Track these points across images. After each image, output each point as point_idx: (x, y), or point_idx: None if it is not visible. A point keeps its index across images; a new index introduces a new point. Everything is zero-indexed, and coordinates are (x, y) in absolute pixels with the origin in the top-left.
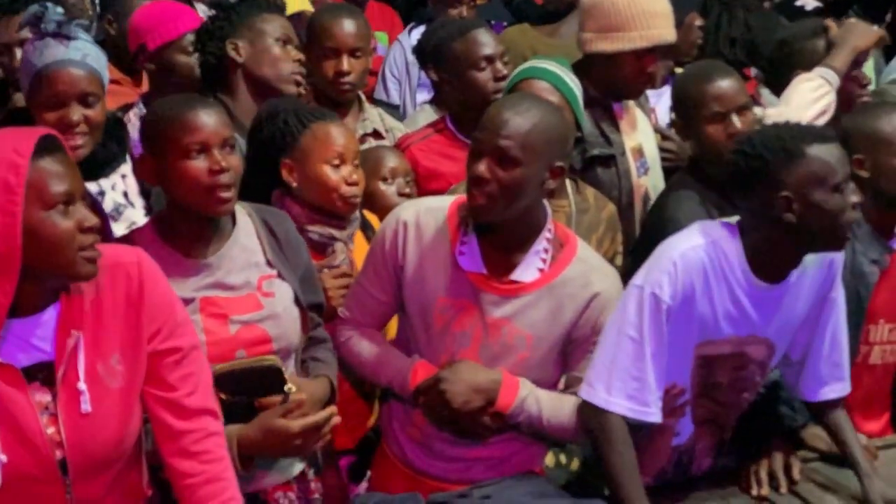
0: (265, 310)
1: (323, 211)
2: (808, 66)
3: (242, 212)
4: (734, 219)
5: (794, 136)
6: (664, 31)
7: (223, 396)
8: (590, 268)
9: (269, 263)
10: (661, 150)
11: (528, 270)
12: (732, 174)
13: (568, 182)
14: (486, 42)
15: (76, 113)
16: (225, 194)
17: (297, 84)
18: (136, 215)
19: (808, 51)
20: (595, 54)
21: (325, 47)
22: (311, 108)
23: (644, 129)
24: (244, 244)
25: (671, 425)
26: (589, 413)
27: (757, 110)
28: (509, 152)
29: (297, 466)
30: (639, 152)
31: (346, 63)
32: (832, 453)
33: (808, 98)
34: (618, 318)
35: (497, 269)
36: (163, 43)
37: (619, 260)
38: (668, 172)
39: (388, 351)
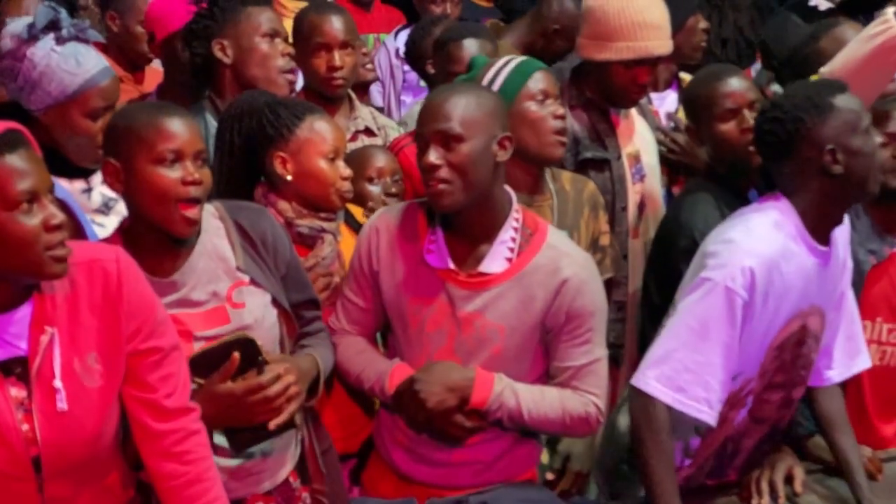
0: (233, 323)
1: (312, 205)
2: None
3: (214, 215)
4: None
5: (819, 91)
6: (654, 42)
7: (201, 382)
8: (559, 254)
9: (240, 269)
10: (669, 143)
11: (495, 261)
12: (768, 144)
13: (547, 173)
14: (474, 50)
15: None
16: (191, 213)
17: (290, 83)
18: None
19: (828, 49)
20: (588, 61)
21: (314, 43)
22: (297, 101)
23: (644, 135)
24: (212, 252)
25: (730, 419)
26: (634, 397)
27: None
28: (451, 132)
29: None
30: (635, 158)
31: (337, 58)
32: (836, 465)
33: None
34: (684, 308)
35: (464, 263)
36: (168, 34)
37: (605, 239)
38: (674, 166)
39: (369, 356)
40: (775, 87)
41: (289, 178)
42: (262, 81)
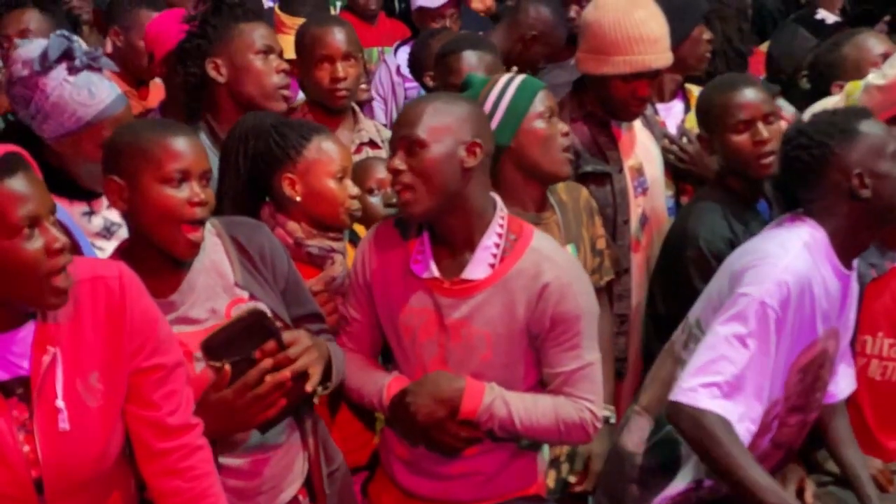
0: None
1: (322, 224)
2: (847, 77)
3: (212, 231)
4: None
5: (843, 117)
6: (652, 56)
7: (223, 364)
8: (541, 258)
9: (238, 286)
10: (678, 152)
11: (478, 268)
12: (795, 170)
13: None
14: (474, 65)
15: None
16: (195, 236)
17: (286, 99)
18: None
19: (851, 56)
20: (587, 74)
21: (317, 56)
22: (303, 122)
23: (647, 147)
24: (210, 267)
25: (757, 445)
26: (682, 417)
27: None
28: (413, 137)
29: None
30: (637, 171)
31: (340, 69)
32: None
33: None
34: (722, 323)
35: (449, 271)
36: (166, 52)
37: (601, 243)
38: (682, 176)
39: (369, 371)
40: (781, 102)
41: (298, 199)
42: (258, 99)
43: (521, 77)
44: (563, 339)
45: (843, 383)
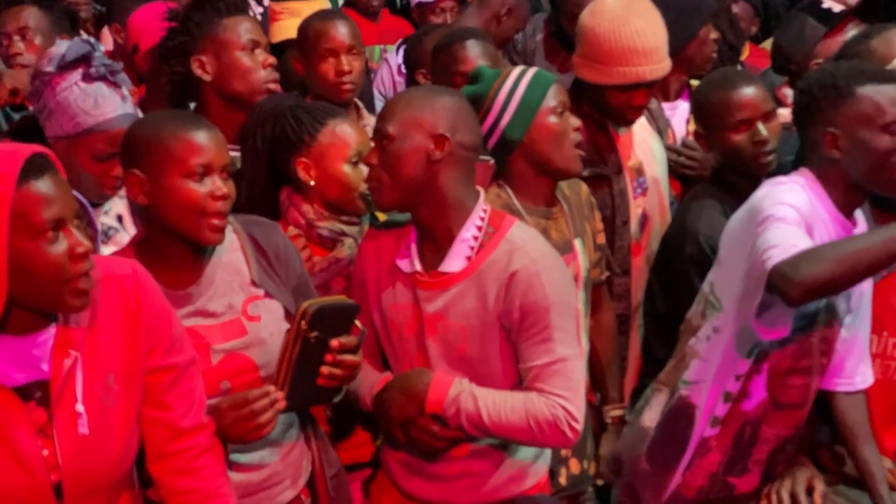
0: (249, 336)
1: (337, 209)
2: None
3: (228, 228)
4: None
5: (848, 74)
6: (645, 68)
7: (314, 335)
8: (513, 248)
9: (254, 283)
10: (685, 161)
11: (455, 260)
12: (794, 111)
13: None
14: (475, 55)
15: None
16: (220, 223)
17: (271, 91)
18: (126, 240)
19: (879, 50)
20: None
21: (322, 49)
22: (318, 105)
23: (648, 146)
24: (228, 264)
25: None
26: (783, 278)
27: (784, 111)
28: (382, 131)
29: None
30: (637, 172)
31: (345, 62)
32: (857, 476)
33: None
34: (761, 233)
35: (430, 265)
36: (152, 44)
37: (601, 238)
38: (690, 182)
39: (365, 371)
40: (789, 92)
41: (312, 183)
42: (245, 95)
43: (533, 71)
44: (533, 332)
45: (865, 372)
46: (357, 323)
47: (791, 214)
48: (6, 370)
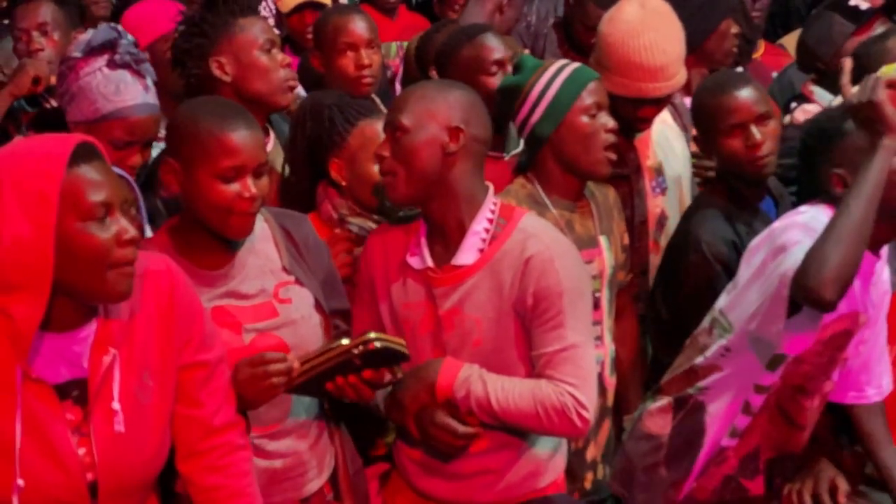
0: (281, 317)
1: (369, 209)
2: None
3: (259, 217)
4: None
5: (831, 117)
6: (650, 85)
7: (359, 363)
8: (527, 235)
9: (285, 270)
10: (703, 172)
11: (468, 253)
12: (798, 165)
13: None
14: (496, 46)
15: (139, 157)
16: (247, 221)
17: (291, 90)
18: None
19: (891, 53)
20: None
21: (341, 44)
22: (355, 104)
23: (670, 143)
24: (260, 251)
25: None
26: (800, 277)
27: (810, 107)
28: (396, 122)
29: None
30: (656, 171)
31: (364, 56)
32: (877, 477)
33: None
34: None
35: (442, 259)
36: (154, 39)
37: (626, 238)
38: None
39: None
40: (817, 90)
41: (344, 183)
42: (265, 96)
43: (572, 67)
44: (545, 318)
45: (881, 384)
46: (398, 371)
47: (809, 238)
48: (46, 367)
